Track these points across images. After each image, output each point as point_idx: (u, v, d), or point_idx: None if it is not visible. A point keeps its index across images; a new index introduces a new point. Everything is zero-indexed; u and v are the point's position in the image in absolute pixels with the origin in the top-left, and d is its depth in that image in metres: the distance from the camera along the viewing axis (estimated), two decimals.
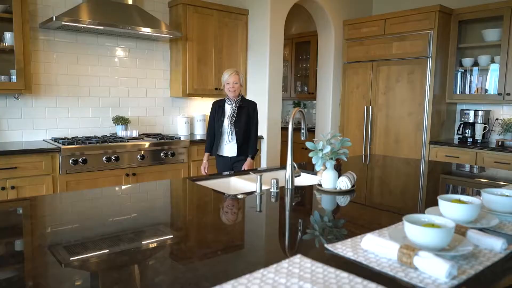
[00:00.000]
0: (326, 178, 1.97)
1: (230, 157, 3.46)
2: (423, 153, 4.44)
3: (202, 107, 4.92)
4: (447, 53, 4.48)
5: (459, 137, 4.54)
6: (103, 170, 3.60)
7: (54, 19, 3.37)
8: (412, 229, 1.15)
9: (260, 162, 4.77)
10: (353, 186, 2.01)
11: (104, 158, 3.58)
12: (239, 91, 3.44)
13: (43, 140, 3.80)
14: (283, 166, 2.72)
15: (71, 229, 1.43)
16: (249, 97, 4.90)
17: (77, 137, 3.93)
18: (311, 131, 5.92)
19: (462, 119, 4.44)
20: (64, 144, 3.45)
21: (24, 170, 3.25)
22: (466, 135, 4.41)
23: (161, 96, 4.54)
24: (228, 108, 3.44)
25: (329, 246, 1.24)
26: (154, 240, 1.32)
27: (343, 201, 1.92)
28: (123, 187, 2.24)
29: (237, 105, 3.42)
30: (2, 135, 3.67)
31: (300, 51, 6.52)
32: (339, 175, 2.00)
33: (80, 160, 3.46)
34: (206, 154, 3.58)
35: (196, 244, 1.30)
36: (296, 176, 2.04)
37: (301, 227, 1.52)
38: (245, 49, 4.85)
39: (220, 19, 4.59)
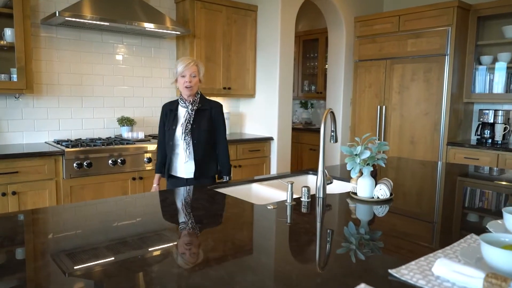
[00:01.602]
0: (362, 186, 1.80)
1: (187, 179, 2.64)
2: (440, 155, 4.27)
3: None
4: (464, 50, 4.31)
5: (477, 138, 4.37)
6: (109, 174, 3.42)
7: (57, 14, 3.18)
8: (496, 254, 0.98)
9: (270, 164, 4.59)
10: (391, 194, 1.84)
11: (109, 162, 3.39)
12: (197, 88, 2.64)
13: (45, 143, 3.61)
14: (304, 171, 2.54)
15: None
16: (259, 97, 4.73)
17: (80, 139, 3.74)
18: (319, 131, 5.73)
19: (481, 119, 4.27)
20: (68, 147, 3.27)
21: (26, 174, 3.06)
22: (485, 135, 4.24)
23: (167, 96, 4.35)
24: (183, 112, 2.61)
25: (393, 272, 1.06)
26: (195, 264, 1.14)
27: (380, 211, 1.75)
28: (136, 196, 2.06)
29: (194, 107, 2.59)
30: (2, 137, 3.48)
31: (307, 49, 6.34)
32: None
33: (84, 163, 3.27)
34: (157, 176, 2.76)
35: (233, 272, 1.12)
36: (328, 184, 1.86)
37: (355, 247, 1.34)
38: (254, 47, 4.67)
39: (228, 16, 4.41)
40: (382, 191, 1.77)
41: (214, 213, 1.69)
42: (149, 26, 3.65)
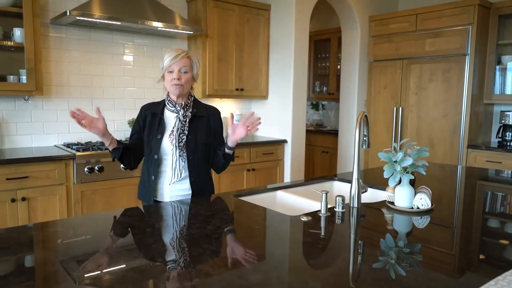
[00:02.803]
0: (401, 195, 1.67)
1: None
2: (460, 158, 4.14)
3: (221, 108, 4.60)
4: (485, 50, 4.18)
5: (498, 141, 4.24)
6: (120, 178, 3.30)
7: (68, 14, 3.07)
8: None
9: (284, 168, 4.46)
10: (432, 204, 1.71)
11: (121, 166, 3.28)
12: (190, 88, 2.10)
13: (55, 146, 3.50)
14: (329, 177, 2.42)
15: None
16: (272, 98, 4.61)
17: (91, 142, 3.63)
18: (332, 133, 5.62)
19: (502, 121, 4.14)
20: (79, 151, 3.16)
21: (36, 179, 2.95)
22: (507, 138, 4.11)
23: None
24: (171, 118, 2.08)
25: None
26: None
27: (421, 222, 1.62)
28: (158, 205, 1.94)
29: (188, 113, 2.08)
30: (11, 140, 3.37)
31: (319, 50, 6.21)
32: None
33: (96, 168, 3.16)
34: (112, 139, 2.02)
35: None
36: (362, 192, 1.73)
37: (394, 261, 1.22)
38: (267, 47, 4.55)
39: (241, 15, 4.29)
40: (423, 200, 1.64)
41: (245, 226, 1.57)
42: (161, 25, 3.53)
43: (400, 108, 4.59)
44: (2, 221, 2.84)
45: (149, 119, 2.11)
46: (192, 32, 3.84)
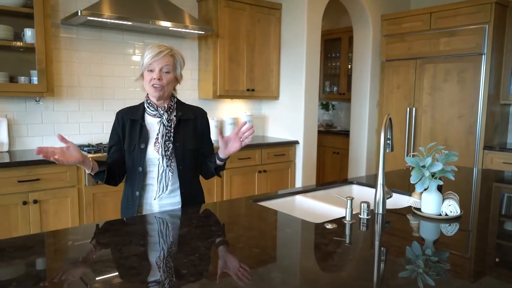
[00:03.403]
0: (429, 201, 1.61)
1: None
2: (476, 160, 4.05)
3: (232, 109, 4.57)
4: (502, 49, 4.09)
5: None
6: None
7: (79, 14, 3.03)
8: None
9: (296, 169, 4.40)
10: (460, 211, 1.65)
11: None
12: (172, 89, 1.89)
13: None
14: (346, 181, 2.36)
15: None
16: (283, 99, 4.55)
17: (101, 143, 3.59)
18: (342, 134, 5.55)
19: None
20: (90, 152, 3.12)
21: (48, 182, 2.91)
22: None
23: (188, 98, 4.18)
24: (154, 124, 1.86)
25: None
26: None
27: (449, 230, 1.56)
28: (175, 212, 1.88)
29: (172, 117, 1.87)
30: (22, 142, 3.34)
31: (329, 49, 6.14)
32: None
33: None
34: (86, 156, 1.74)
35: None
36: (387, 198, 1.67)
37: (422, 270, 1.16)
38: (278, 47, 4.49)
39: (252, 14, 4.23)
40: (452, 207, 1.58)
41: (269, 233, 1.52)
42: (173, 25, 3.49)
43: (414, 108, 4.51)
44: (14, 224, 2.81)
45: (129, 127, 1.85)
46: (203, 32, 3.79)
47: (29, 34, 3.07)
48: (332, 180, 5.54)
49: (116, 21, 3.26)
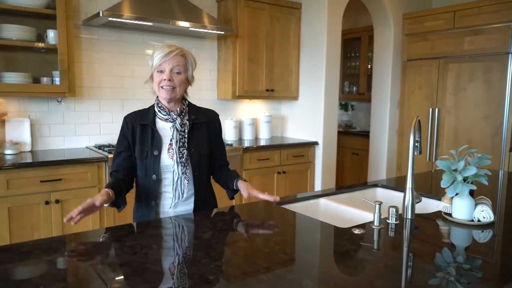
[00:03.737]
0: (460, 207, 1.55)
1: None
2: (502, 162, 3.94)
3: (251, 110, 4.54)
4: None
5: None
6: None
7: (101, 15, 3.04)
8: None
9: (315, 171, 4.35)
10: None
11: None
12: (183, 91, 1.80)
13: (86, 148, 3.49)
14: (372, 184, 2.30)
15: None
16: (302, 99, 4.50)
17: None
18: (362, 134, 5.47)
19: None
20: (111, 153, 3.12)
21: (69, 182, 2.93)
22: None
23: (207, 99, 4.17)
24: (167, 129, 1.78)
25: None
26: None
27: (482, 236, 1.50)
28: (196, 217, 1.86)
29: (185, 121, 1.80)
30: (44, 142, 3.37)
31: (348, 49, 6.06)
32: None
33: None
34: (103, 190, 1.64)
35: None
36: (416, 203, 1.62)
37: (454, 277, 1.11)
38: (297, 47, 4.44)
39: (271, 14, 4.20)
40: (485, 213, 1.52)
41: (297, 238, 1.48)
42: (193, 26, 3.48)
43: (436, 109, 4.41)
44: (36, 223, 2.83)
45: (139, 132, 1.76)
46: (223, 33, 3.77)
47: (51, 35, 3.10)
48: (352, 183, 5.48)
49: (137, 22, 3.26)
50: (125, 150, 1.78)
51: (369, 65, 5.66)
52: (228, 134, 4.19)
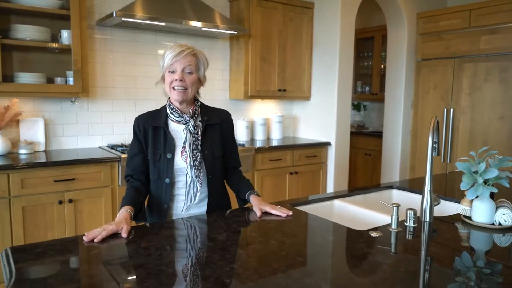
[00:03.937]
0: (481, 210, 1.51)
1: None
2: None
3: (263, 110, 4.52)
4: None
5: None
6: None
7: (114, 15, 3.05)
8: None
9: (327, 171, 4.32)
10: None
11: None
12: (195, 92, 1.76)
13: (99, 147, 3.51)
14: (385, 185, 2.27)
15: None
16: (314, 99, 4.47)
17: None
18: (374, 135, 5.41)
19: None
20: (124, 153, 3.13)
21: (82, 181, 2.94)
22: None
23: (219, 99, 4.17)
24: (179, 131, 1.75)
25: None
26: None
27: (503, 240, 1.46)
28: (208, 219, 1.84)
29: (198, 122, 1.76)
30: (58, 142, 3.39)
31: (361, 48, 6.00)
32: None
33: None
34: (125, 212, 1.55)
35: None
36: (435, 205, 1.58)
37: (474, 282, 1.08)
38: (310, 46, 4.41)
39: (284, 14, 4.17)
40: (507, 216, 1.48)
41: (312, 241, 1.46)
42: (206, 26, 3.47)
43: (451, 109, 4.34)
44: (50, 222, 2.85)
45: (151, 134, 1.72)
46: (235, 32, 3.75)
47: (65, 35, 3.12)
48: (364, 184, 5.43)
49: (149, 22, 3.27)
50: (139, 152, 1.75)
51: (382, 65, 5.60)
52: (240, 134, 4.17)
